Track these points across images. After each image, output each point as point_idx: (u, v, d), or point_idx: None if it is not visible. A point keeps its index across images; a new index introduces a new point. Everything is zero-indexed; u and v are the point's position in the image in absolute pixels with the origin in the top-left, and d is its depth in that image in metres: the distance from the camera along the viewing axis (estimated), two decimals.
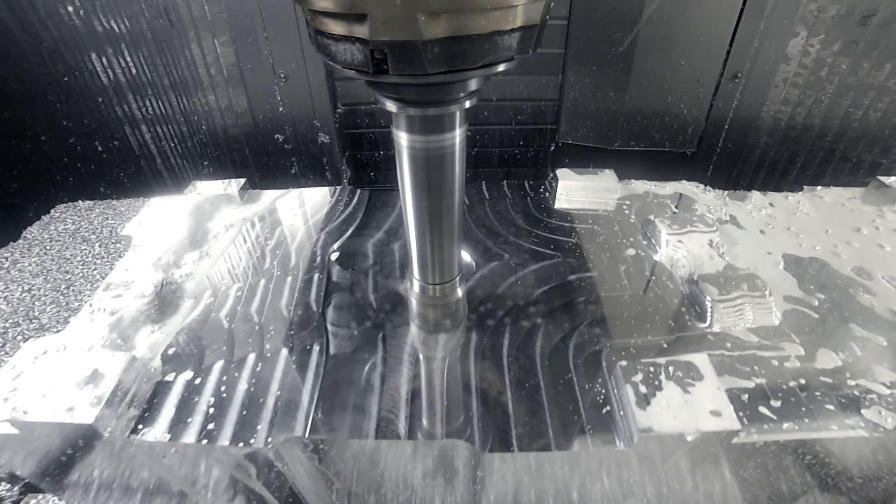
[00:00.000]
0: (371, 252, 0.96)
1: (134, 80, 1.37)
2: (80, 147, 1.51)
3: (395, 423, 0.67)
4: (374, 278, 0.89)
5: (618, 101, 1.35)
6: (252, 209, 1.08)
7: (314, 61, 1.24)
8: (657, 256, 0.90)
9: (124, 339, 0.77)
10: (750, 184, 1.51)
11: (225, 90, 1.34)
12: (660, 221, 0.92)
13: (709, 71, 1.30)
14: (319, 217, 1.06)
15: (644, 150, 1.45)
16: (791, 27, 1.22)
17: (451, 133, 0.60)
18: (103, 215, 1.51)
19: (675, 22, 1.22)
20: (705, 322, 0.78)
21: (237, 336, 0.78)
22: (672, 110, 1.37)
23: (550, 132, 1.46)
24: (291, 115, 1.35)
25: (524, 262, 0.91)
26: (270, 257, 0.94)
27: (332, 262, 0.93)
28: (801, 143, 1.42)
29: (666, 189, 1.11)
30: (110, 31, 1.28)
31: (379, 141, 1.46)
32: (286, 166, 1.46)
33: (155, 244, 0.94)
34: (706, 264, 0.87)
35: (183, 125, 1.44)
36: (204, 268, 0.91)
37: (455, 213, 0.69)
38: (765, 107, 1.36)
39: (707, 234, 0.91)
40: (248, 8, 1.18)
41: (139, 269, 0.88)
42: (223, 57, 1.28)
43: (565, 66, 1.34)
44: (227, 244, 0.97)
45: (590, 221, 1.00)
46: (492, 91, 1.38)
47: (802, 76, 1.29)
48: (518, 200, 1.10)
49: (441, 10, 0.42)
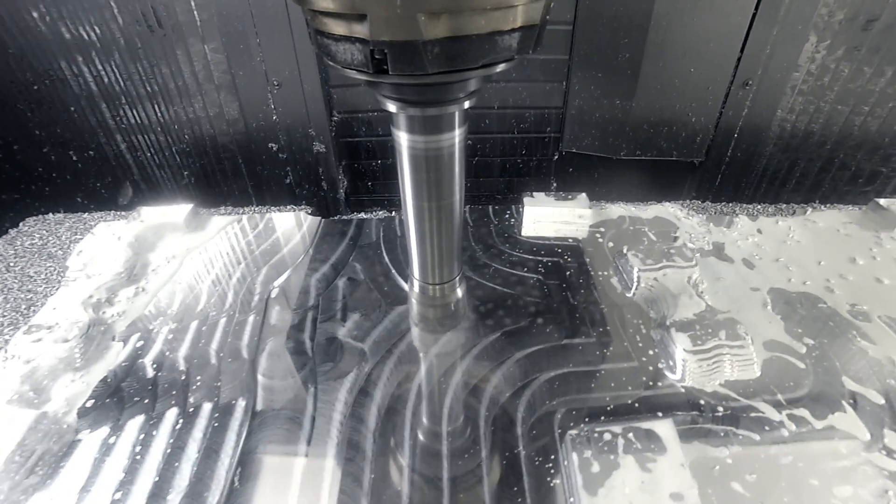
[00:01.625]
0: (313, 290, 0.88)
1: (107, 89, 1.27)
2: (55, 157, 1.40)
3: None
4: (314, 321, 0.81)
5: (624, 108, 1.29)
6: (198, 238, 1.00)
7: (309, 68, 1.16)
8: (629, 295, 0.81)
9: (38, 392, 0.68)
10: (760, 195, 1.46)
11: (215, 98, 1.25)
12: (633, 255, 0.84)
13: (719, 78, 1.25)
14: (266, 247, 0.98)
15: (650, 160, 1.39)
16: (804, 33, 1.17)
17: (451, 133, 0.58)
18: (72, 230, 1.41)
19: (685, 27, 1.16)
20: (676, 375, 0.69)
21: (160, 386, 0.70)
22: (680, 118, 1.31)
23: (554, 141, 1.40)
24: (286, 124, 1.26)
25: (479, 300, 0.83)
26: (207, 294, 0.86)
27: (271, 300, 0.85)
28: (816, 153, 1.37)
29: (646, 213, 1.02)
30: (79, 37, 1.18)
31: (377, 150, 1.37)
32: (281, 176, 1.37)
33: (90, 278, 0.87)
34: (682, 306, 0.76)
35: (161, 135, 1.34)
36: (138, 306, 0.84)
37: (455, 213, 0.68)
38: (777, 115, 1.31)
39: (685, 270, 0.82)
40: (240, 13, 1.09)
41: (67, 308, 0.80)
42: (213, 63, 1.19)
43: (569, 73, 1.28)
44: (165, 279, 0.89)
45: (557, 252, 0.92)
46: (493, 98, 1.31)
47: (808, 83, 1.24)
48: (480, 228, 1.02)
49: (441, 10, 0.41)
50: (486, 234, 0.99)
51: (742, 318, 0.72)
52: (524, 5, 0.44)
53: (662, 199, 1.51)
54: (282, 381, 0.71)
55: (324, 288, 0.88)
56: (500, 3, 0.42)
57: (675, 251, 0.85)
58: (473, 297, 0.84)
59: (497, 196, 1.50)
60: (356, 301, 0.85)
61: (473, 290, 0.85)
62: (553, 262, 0.88)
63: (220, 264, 0.94)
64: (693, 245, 0.89)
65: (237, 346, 0.77)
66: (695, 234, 0.92)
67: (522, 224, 0.98)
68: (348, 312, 0.82)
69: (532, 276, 0.86)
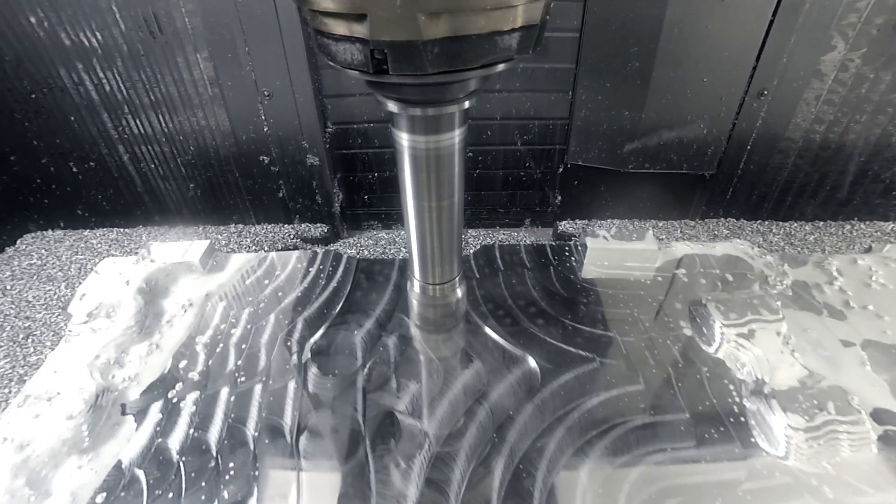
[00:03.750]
0: (358, 349, 0.75)
1: (109, 98, 1.21)
2: (54, 168, 1.35)
3: None
4: (362, 392, 0.68)
5: (633, 120, 1.20)
6: (216, 280, 0.87)
7: (301, 78, 1.09)
8: (713, 352, 0.70)
9: (35, 486, 0.55)
10: (774, 207, 1.35)
11: (210, 108, 1.19)
12: (714, 306, 0.72)
13: (732, 88, 1.15)
14: (297, 294, 0.85)
15: (659, 173, 1.29)
16: (825, 40, 1.07)
17: (451, 133, 0.58)
18: (73, 249, 1.33)
19: (698, 35, 1.07)
20: (780, 453, 0.58)
21: (187, 475, 0.57)
22: (691, 130, 1.21)
23: (559, 153, 1.31)
24: (277, 136, 1.19)
25: (553, 363, 0.70)
26: (234, 354, 0.73)
27: (309, 361, 0.72)
28: (833, 164, 1.26)
29: (715, 250, 0.90)
30: (79, 44, 1.12)
31: (373, 162, 1.30)
32: (273, 189, 1.30)
33: (96, 333, 0.74)
34: (776, 369, 0.64)
35: (165, 145, 1.28)
36: (153, 367, 0.70)
37: (455, 213, 0.67)
38: (792, 126, 1.21)
39: (773, 324, 0.70)
40: (227, 20, 1.03)
41: (70, 372, 0.66)
42: (205, 73, 1.13)
43: (576, 82, 1.19)
44: (183, 333, 0.76)
45: (626, 301, 0.78)
46: (496, 109, 1.23)
47: (838, 93, 1.14)
48: (539, 272, 0.88)
49: (441, 10, 0.40)
50: (546, 279, 0.87)
51: (841, 380, 0.62)
52: (524, 5, 0.43)
53: (671, 212, 1.41)
54: (329, 470, 0.58)
55: (370, 347, 0.75)
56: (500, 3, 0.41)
57: (759, 301, 0.73)
58: (549, 362, 0.71)
59: (499, 210, 1.42)
60: (410, 366, 0.72)
61: (549, 356, 0.72)
62: (624, 316, 0.77)
63: (245, 315, 0.80)
64: (774, 290, 0.79)
65: (275, 424, 0.63)
66: (771, 276, 0.82)
67: (584, 265, 0.87)
68: (402, 380, 0.69)
69: (606, 335, 0.75)
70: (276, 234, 1.32)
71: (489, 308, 0.82)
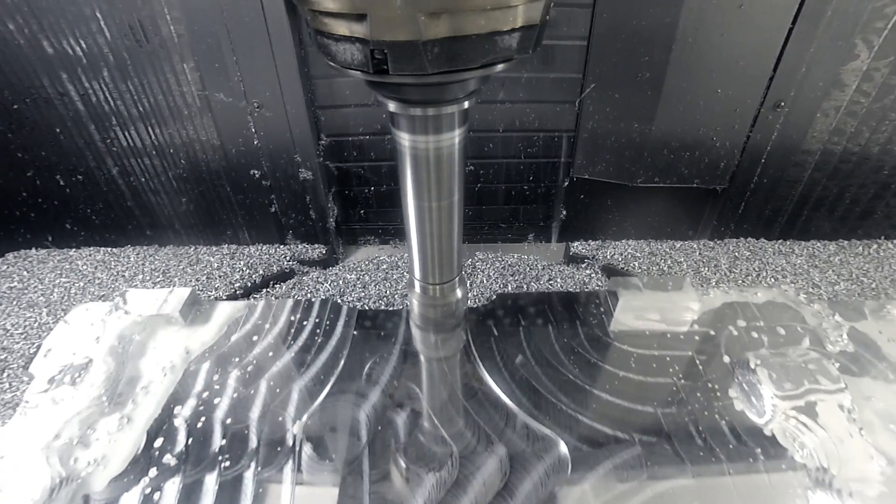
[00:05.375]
0: (363, 426, 0.64)
1: (96, 109, 1.14)
2: (40, 181, 1.28)
3: None
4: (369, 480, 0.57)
5: (642, 132, 1.12)
6: (199, 336, 0.75)
7: (292, 88, 1.02)
8: (762, 422, 0.59)
9: None
10: (786, 222, 1.27)
11: (199, 120, 1.11)
12: (764, 372, 0.62)
13: (748, 99, 1.07)
14: (290, 356, 0.74)
15: (668, 187, 1.21)
16: (848, 48, 0.99)
17: (451, 133, 0.57)
18: (57, 270, 1.25)
19: (713, 44, 0.99)
20: None
21: None
22: (704, 143, 1.13)
23: (564, 166, 1.23)
24: (268, 149, 1.12)
25: (583, 439, 0.59)
26: (219, 431, 0.62)
27: (305, 442, 0.61)
28: (853, 178, 1.18)
29: (757, 297, 0.78)
30: (63, 52, 1.05)
31: (369, 176, 1.22)
32: (265, 204, 1.22)
33: (57, 404, 0.62)
34: (843, 453, 0.54)
35: (155, 158, 1.20)
36: (124, 448, 0.59)
37: (455, 213, 0.67)
38: (810, 138, 1.12)
39: (834, 395, 0.60)
40: (213, 28, 0.95)
41: (24, 458, 0.55)
42: (192, 83, 1.05)
43: (583, 93, 1.11)
44: (159, 401, 0.65)
45: (663, 363, 0.67)
46: (498, 121, 1.15)
47: (861, 104, 1.06)
48: (564, 326, 0.76)
49: (441, 10, 0.40)
50: (572, 336, 0.75)
51: None
52: (524, 5, 0.42)
53: (680, 228, 1.33)
54: None
55: (375, 423, 0.64)
56: (500, 3, 0.41)
57: (815, 365, 0.63)
58: (582, 442, 0.60)
59: (501, 225, 1.34)
60: (423, 448, 0.61)
61: (581, 437, 0.62)
62: (663, 384, 0.66)
63: (231, 380, 0.68)
64: (828, 347, 0.68)
65: None
66: (823, 328, 0.71)
67: (613, 317, 0.77)
68: (412, 467, 0.59)
69: (645, 410, 0.64)
70: (272, 255, 1.24)
71: (509, 374, 0.71)
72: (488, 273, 1.15)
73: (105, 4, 0.96)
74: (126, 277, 1.20)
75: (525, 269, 1.17)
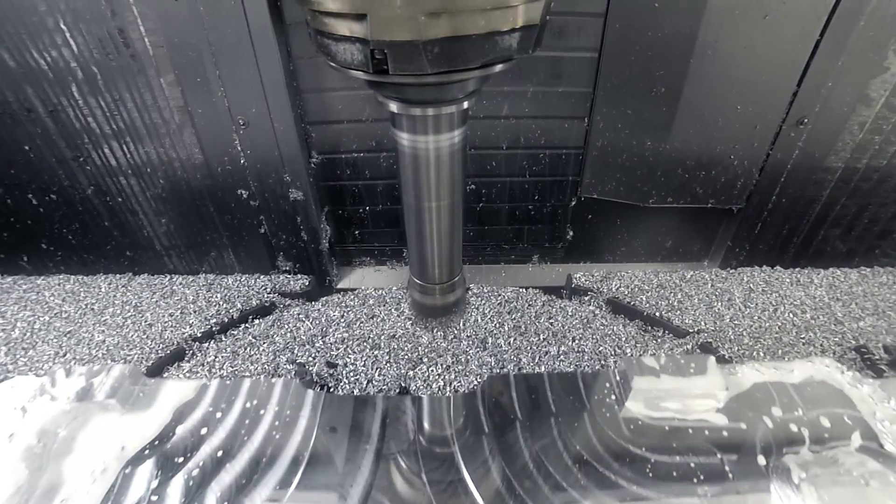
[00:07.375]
0: None
1: (66, 126, 1.03)
2: (10, 200, 1.17)
3: None
4: None
5: (656, 150, 1.03)
6: (139, 428, 0.61)
7: (280, 104, 0.92)
8: None
9: None
10: (802, 242, 1.18)
11: (179, 138, 1.01)
12: (811, 490, 0.49)
13: (769, 115, 0.99)
14: (244, 458, 0.59)
15: (681, 207, 1.12)
16: (879, 61, 0.91)
17: (451, 133, 0.56)
18: (21, 302, 1.13)
19: (734, 58, 0.91)
20: None
21: None
22: (721, 161, 1.05)
23: (572, 185, 1.14)
24: (255, 168, 1.02)
25: None
26: None
27: None
28: (873, 197, 1.10)
29: (792, 375, 0.66)
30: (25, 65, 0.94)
31: (364, 195, 1.13)
32: (254, 226, 1.12)
33: None
34: None
35: (132, 178, 1.10)
36: None
37: (455, 213, 0.66)
38: (832, 156, 1.04)
39: None
40: (194, 41, 0.85)
41: None
42: (171, 99, 0.95)
43: (593, 109, 1.02)
44: None
45: (682, 473, 0.55)
46: (501, 138, 1.06)
47: (888, 119, 0.97)
48: (570, 418, 0.63)
49: (441, 10, 0.40)
50: (579, 432, 0.62)
51: None
52: (524, 5, 0.42)
53: (693, 249, 1.24)
54: None
55: None
56: (500, 3, 0.41)
57: (876, 480, 0.49)
58: None
59: (504, 246, 1.24)
60: None
61: None
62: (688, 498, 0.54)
63: (174, 489, 0.54)
64: (891, 448, 0.55)
65: None
66: (875, 418, 0.58)
67: (624, 404, 0.64)
68: None
69: None
70: (251, 287, 1.12)
71: (505, 488, 0.57)
72: (483, 310, 1.04)
73: (69, 15, 0.86)
74: (95, 311, 1.09)
75: (524, 305, 1.06)
